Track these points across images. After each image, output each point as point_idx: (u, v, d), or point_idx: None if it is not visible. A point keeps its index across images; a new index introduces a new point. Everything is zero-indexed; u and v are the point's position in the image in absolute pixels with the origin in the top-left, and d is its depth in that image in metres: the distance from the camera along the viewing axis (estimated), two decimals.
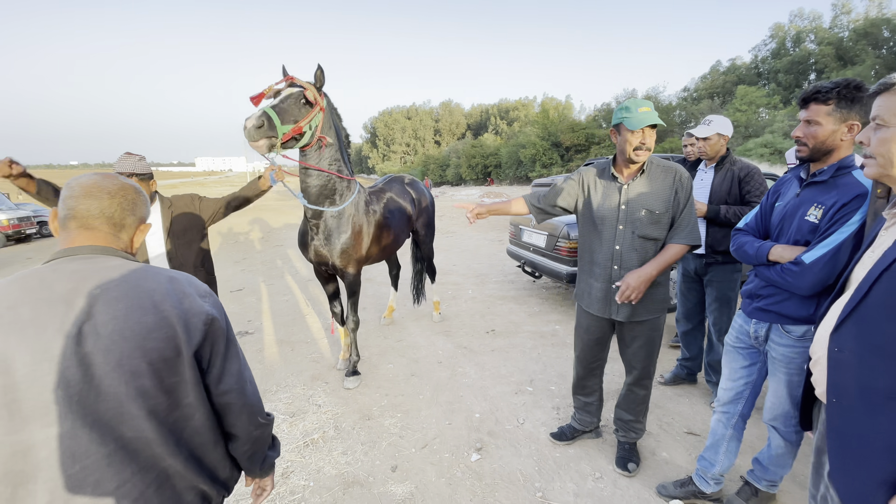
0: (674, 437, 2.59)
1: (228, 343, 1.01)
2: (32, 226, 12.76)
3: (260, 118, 2.36)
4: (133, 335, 0.86)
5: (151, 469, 0.90)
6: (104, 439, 0.84)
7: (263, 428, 1.09)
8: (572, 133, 29.34)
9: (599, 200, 2.07)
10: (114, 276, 0.90)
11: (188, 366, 0.92)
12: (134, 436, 0.87)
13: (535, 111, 46.63)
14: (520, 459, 2.40)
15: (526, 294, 5.54)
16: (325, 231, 2.99)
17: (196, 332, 0.93)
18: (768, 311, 1.73)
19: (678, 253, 1.98)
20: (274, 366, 3.67)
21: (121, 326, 0.85)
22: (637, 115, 1.87)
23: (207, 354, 0.97)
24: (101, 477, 0.84)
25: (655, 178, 2.00)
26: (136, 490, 0.88)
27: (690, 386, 3.16)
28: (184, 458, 0.94)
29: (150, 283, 0.92)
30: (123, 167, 2.17)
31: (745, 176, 2.66)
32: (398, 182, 3.93)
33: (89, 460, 0.83)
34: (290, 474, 2.33)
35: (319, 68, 2.67)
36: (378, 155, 62.31)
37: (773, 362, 1.77)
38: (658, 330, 2.13)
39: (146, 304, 0.89)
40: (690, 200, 1.99)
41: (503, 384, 3.23)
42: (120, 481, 0.86)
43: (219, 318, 0.98)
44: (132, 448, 0.87)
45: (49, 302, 0.83)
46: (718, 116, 2.77)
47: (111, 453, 0.85)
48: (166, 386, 0.90)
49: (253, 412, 1.05)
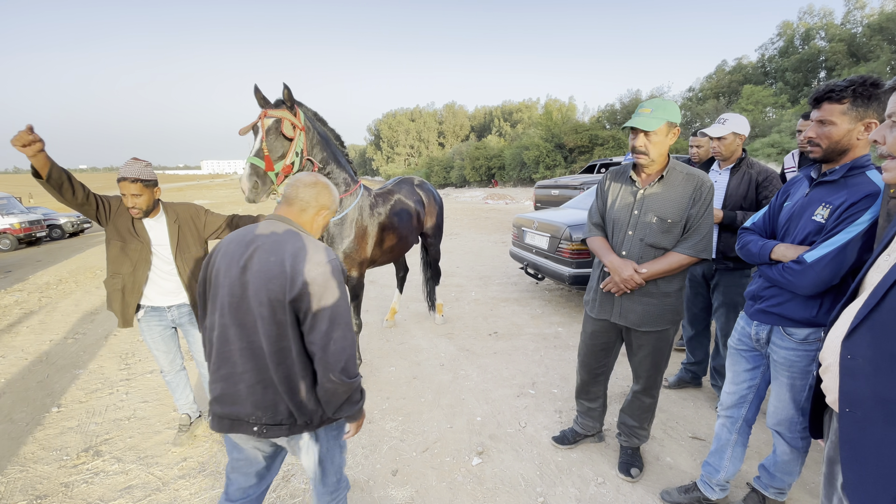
0: (678, 441, 2.55)
1: (321, 306, 1.27)
2: (42, 229, 12.91)
3: (251, 178, 2.42)
4: (264, 277, 1.27)
5: (263, 371, 1.30)
6: (241, 337, 1.30)
7: (335, 385, 1.29)
8: (576, 134, 29.23)
9: (615, 203, 2.06)
10: (272, 236, 1.34)
11: (288, 311, 1.26)
12: (257, 344, 1.29)
13: (538, 113, 46.52)
14: (521, 464, 2.38)
15: (529, 296, 5.51)
16: (328, 239, 3.00)
17: (295, 288, 1.25)
18: (770, 313, 1.70)
19: (678, 262, 1.90)
20: None
21: (260, 268, 1.28)
22: (633, 118, 1.87)
23: (303, 308, 1.27)
24: (236, 360, 1.31)
25: (673, 184, 1.92)
26: (252, 380, 1.31)
27: (695, 390, 3.12)
28: (282, 377, 1.30)
29: (288, 245, 1.31)
30: (129, 172, 2.17)
31: (764, 180, 2.53)
32: (407, 183, 3.92)
33: (233, 346, 1.31)
34: (291, 477, 2.32)
35: (286, 87, 2.55)
36: (382, 157, 62.43)
37: (775, 366, 1.73)
38: (666, 341, 2.08)
39: (278, 258, 1.28)
40: (708, 211, 1.90)
41: (505, 387, 3.21)
42: (244, 369, 1.31)
43: (317, 284, 1.26)
44: (255, 351, 1.30)
45: (240, 244, 1.35)
46: (734, 115, 2.63)
47: (244, 348, 1.30)
48: (277, 320, 1.27)
49: (328, 369, 1.27)
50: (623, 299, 2.03)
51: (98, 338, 4.65)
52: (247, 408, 1.32)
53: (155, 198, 2.31)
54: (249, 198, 2.44)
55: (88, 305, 5.96)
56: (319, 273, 1.27)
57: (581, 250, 4.23)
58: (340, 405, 1.34)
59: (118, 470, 2.45)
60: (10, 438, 2.81)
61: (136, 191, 2.18)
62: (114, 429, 2.88)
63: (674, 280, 1.99)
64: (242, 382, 1.31)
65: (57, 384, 3.58)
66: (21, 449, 2.70)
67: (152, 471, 2.43)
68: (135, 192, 2.18)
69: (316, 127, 2.82)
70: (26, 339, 4.74)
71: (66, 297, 6.53)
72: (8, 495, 2.29)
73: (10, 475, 2.45)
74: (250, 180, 2.42)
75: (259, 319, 1.27)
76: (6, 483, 2.38)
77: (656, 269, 1.91)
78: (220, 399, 1.34)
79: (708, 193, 1.90)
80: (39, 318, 5.51)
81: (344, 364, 1.28)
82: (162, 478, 2.38)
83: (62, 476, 2.42)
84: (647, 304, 1.99)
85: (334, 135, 3.05)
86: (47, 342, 4.59)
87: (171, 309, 2.48)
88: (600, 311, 2.13)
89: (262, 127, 2.50)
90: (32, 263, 9.62)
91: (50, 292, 6.88)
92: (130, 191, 2.18)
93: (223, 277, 1.32)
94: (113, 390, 3.43)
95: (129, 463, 2.51)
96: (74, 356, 4.17)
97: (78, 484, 2.35)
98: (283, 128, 2.53)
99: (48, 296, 6.65)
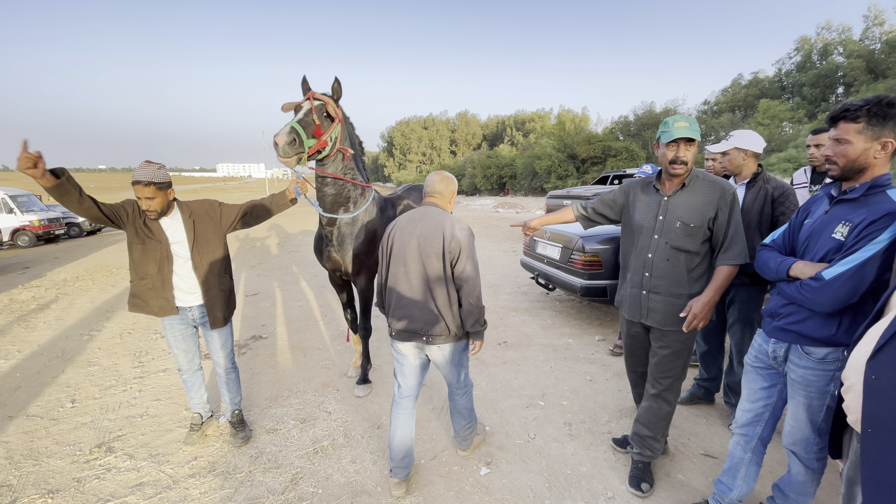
0: (690, 458, 2.51)
1: (465, 258, 2.05)
2: (61, 226, 13.19)
3: (290, 134, 2.45)
4: (430, 238, 2.06)
5: (429, 300, 2.08)
6: (415, 278, 2.08)
7: (472, 307, 2.08)
8: (588, 145, 29.15)
9: (640, 211, 2.18)
10: (431, 213, 2.13)
11: (446, 260, 2.05)
12: (425, 282, 2.07)
13: (551, 123, 46.52)
14: (530, 475, 2.36)
15: (539, 306, 5.49)
16: (338, 238, 3.03)
17: (447, 244, 2.04)
18: (788, 331, 1.68)
19: (730, 274, 2.02)
20: (286, 371, 3.70)
21: (427, 233, 2.07)
22: (672, 130, 1.96)
23: (454, 257, 2.05)
24: (420, 289, 2.08)
25: (697, 192, 2.04)
26: (422, 305, 2.08)
27: (707, 406, 3.08)
28: (441, 302, 2.07)
29: (440, 219, 2.09)
30: (142, 176, 2.19)
31: (780, 195, 2.52)
32: (417, 190, 3.96)
33: (412, 284, 2.09)
34: (300, 480, 2.33)
35: (336, 81, 2.77)
36: (394, 164, 62.84)
37: (792, 384, 1.71)
38: (686, 343, 2.12)
39: (437, 226, 2.07)
40: (736, 218, 2.00)
41: (514, 397, 3.19)
42: (418, 298, 2.08)
43: (458, 241, 2.04)
44: (424, 286, 2.07)
45: (411, 220, 2.14)
46: (743, 131, 2.65)
47: (422, 280, 2.07)
48: (438, 265, 2.05)
49: (468, 295, 2.07)
50: (649, 299, 2.13)
51: (113, 335, 4.73)
52: (419, 324, 2.09)
53: (169, 199, 2.34)
54: (283, 151, 2.45)
55: (104, 303, 6.07)
56: (463, 235, 2.06)
57: (593, 261, 4.20)
58: (474, 323, 2.10)
59: (130, 467, 2.49)
60: (24, 432, 2.87)
61: (150, 194, 2.22)
62: (126, 425, 2.92)
63: (697, 283, 2.08)
64: (416, 307, 2.08)
65: (72, 379, 3.64)
66: (35, 443, 2.74)
67: (163, 468, 2.46)
68: (149, 196, 2.22)
69: (347, 126, 2.96)
70: (43, 334, 4.84)
71: (82, 294, 6.65)
72: (21, 489, 2.33)
73: (24, 469, 2.49)
74: (289, 136, 2.44)
75: (426, 266, 2.06)
76: (19, 477, 2.42)
77: (716, 286, 2.01)
78: (401, 319, 2.12)
79: (731, 199, 2.00)
80: (56, 314, 5.62)
81: (477, 293, 2.08)
82: (172, 476, 2.40)
83: (74, 471, 2.46)
84: (669, 304, 2.09)
85: (358, 140, 3.17)
86: (63, 338, 4.67)
87: (193, 309, 2.52)
88: (630, 312, 2.23)
89: (310, 105, 2.63)
90: (50, 260, 9.83)
91: (67, 289, 7.02)
92: (144, 194, 2.21)
93: (402, 241, 2.11)
94: (126, 387, 3.48)
95: (141, 460, 2.54)
96: (89, 352, 4.24)
97: (90, 479, 2.38)
98: (327, 108, 2.68)
99: (65, 292, 6.78)
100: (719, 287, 2.01)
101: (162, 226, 2.39)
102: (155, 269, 2.38)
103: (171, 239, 2.40)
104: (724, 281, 2.01)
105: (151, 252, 2.36)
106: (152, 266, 2.37)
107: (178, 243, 2.42)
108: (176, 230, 2.42)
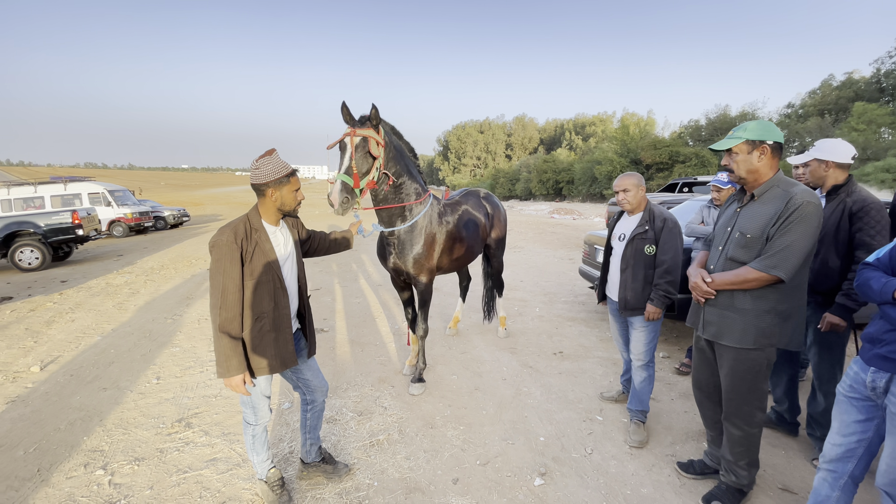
0: (766, 491, 2.30)
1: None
2: (150, 219, 14.66)
3: (342, 193, 2.60)
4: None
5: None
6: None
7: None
8: (654, 150, 27.71)
9: (720, 223, 2.14)
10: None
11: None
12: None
13: (613, 126, 44.80)
14: (586, 491, 2.28)
15: (597, 318, 5.29)
16: (399, 245, 3.14)
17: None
18: (891, 360, 1.50)
19: (745, 275, 1.86)
20: (345, 365, 3.85)
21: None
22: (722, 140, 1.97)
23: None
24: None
25: (767, 202, 1.90)
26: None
27: (787, 437, 2.81)
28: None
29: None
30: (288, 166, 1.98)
31: (858, 210, 2.27)
32: (474, 195, 3.99)
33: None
34: (357, 471, 2.41)
35: (374, 107, 2.74)
36: (449, 167, 63.37)
37: (892, 419, 1.52)
38: (744, 363, 1.96)
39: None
40: (790, 229, 1.78)
41: (570, 410, 3.09)
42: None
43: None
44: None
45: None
46: (827, 140, 2.44)
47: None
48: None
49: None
50: (706, 310, 2.06)
51: (192, 320, 5.16)
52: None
53: None
54: (338, 211, 2.63)
55: (186, 291, 6.63)
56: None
57: None
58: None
59: (205, 442, 2.69)
60: (116, 403, 3.20)
61: None
62: (203, 404, 3.17)
63: (748, 297, 1.90)
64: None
65: (157, 358, 4.02)
66: (125, 414, 3.05)
67: (234, 447, 2.64)
68: None
69: (392, 141, 2.98)
70: (134, 315, 5.38)
71: (167, 281, 7.32)
72: (111, 454, 2.59)
73: (115, 437, 2.78)
74: (341, 195, 2.61)
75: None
76: (111, 444, 2.70)
77: (724, 279, 1.93)
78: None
79: (797, 211, 1.77)
80: (145, 298, 6.23)
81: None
82: (242, 454, 2.57)
83: (158, 442, 2.71)
84: (724, 317, 1.98)
85: (409, 147, 3.22)
86: (150, 320, 5.17)
87: None
88: (692, 321, 2.19)
89: (350, 144, 2.66)
90: (140, 249, 10.92)
91: (154, 276, 7.76)
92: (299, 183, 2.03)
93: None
94: (203, 369, 3.78)
95: (215, 437, 2.75)
96: (172, 335, 4.66)
97: (171, 451, 2.61)
98: (369, 147, 2.71)
99: (153, 279, 7.50)
100: (726, 281, 1.92)
101: (270, 237, 2.01)
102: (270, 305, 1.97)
103: (278, 253, 2.02)
104: (735, 278, 1.89)
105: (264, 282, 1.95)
106: (267, 301, 1.96)
107: (288, 259, 2.08)
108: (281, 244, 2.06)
